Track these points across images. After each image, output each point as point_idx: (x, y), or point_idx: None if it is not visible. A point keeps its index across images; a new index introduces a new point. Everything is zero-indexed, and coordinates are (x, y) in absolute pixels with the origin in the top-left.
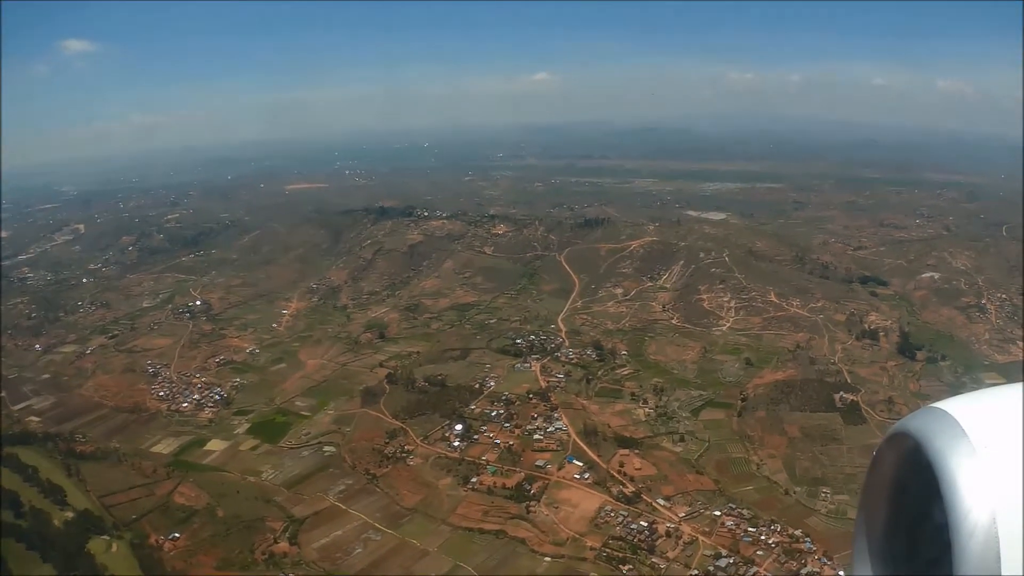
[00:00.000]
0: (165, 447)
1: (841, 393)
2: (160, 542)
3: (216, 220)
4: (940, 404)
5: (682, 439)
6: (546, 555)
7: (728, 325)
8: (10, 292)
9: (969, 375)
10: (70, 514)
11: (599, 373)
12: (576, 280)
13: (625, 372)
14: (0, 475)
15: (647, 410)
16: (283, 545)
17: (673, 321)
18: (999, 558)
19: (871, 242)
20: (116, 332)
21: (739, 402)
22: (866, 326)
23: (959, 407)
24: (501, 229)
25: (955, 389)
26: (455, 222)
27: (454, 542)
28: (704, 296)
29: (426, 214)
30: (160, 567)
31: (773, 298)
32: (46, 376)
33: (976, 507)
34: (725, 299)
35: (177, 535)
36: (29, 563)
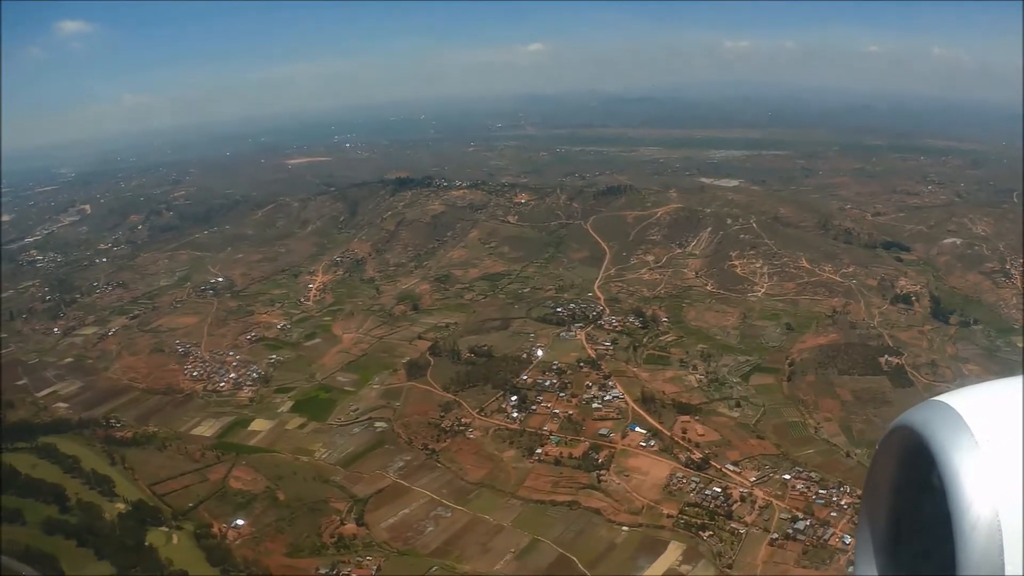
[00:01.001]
0: (206, 429)
1: (886, 356)
2: (223, 530)
3: (224, 196)
4: (942, 397)
5: (738, 404)
6: (623, 525)
7: (763, 291)
8: (20, 275)
9: (1003, 338)
10: (121, 506)
11: (644, 340)
12: (606, 248)
13: (669, 339)
14: None
15: (698, 376)
16: (350, 527)
17: (708, 287)
18: (1002, 552)
19: (887, 208)
20: (137, 312)
21: (787, 367)
22: (898, 291)
23: (961, 400)
24: (523, 198)
25: (990, 352)
26: (476, 191)
27: (527, 515)
28: (736, 262)
29: (445, 184)
30: (228, 557)
31: (804, 263)
32: (69, 360)
33: (979, 501)
34: (757, 265)
35: (240, 522)
36: (83, 561)
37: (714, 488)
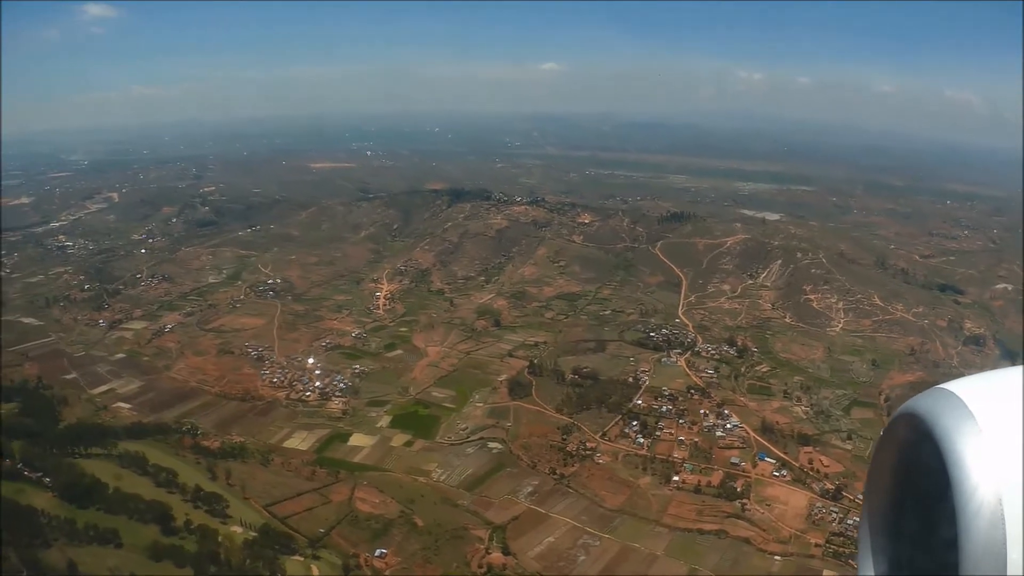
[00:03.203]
0: (300, 442)
1: None
2: (367, 560)
3: (260, 195)
4: (947, 385)
5: (849, 437)
6: (775, 554)
7: (840, 326)
8: (49, 260)
9: None
10: (238, 529)
11: (742, 369)
12: (680, 274)
13: (764, 369)
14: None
15: (803, 408)
16: (497, 555)
17: (787, 320)
18: (1005, 537)
19: (930, 250)
20: (190, 309)
21: (883, 402)
22: (967, 332)
23: (966, 388)
24: (586, 218)
25: None
26: (537, 208)
27: (678, 544)
28: (811, 296)
29: (504, 199)
30: None
31: (877, 301)
32: (120, 356)
33: (982, 487)
34: (832, 300)
35: (383, 551)
36: None
37: (854, 518)
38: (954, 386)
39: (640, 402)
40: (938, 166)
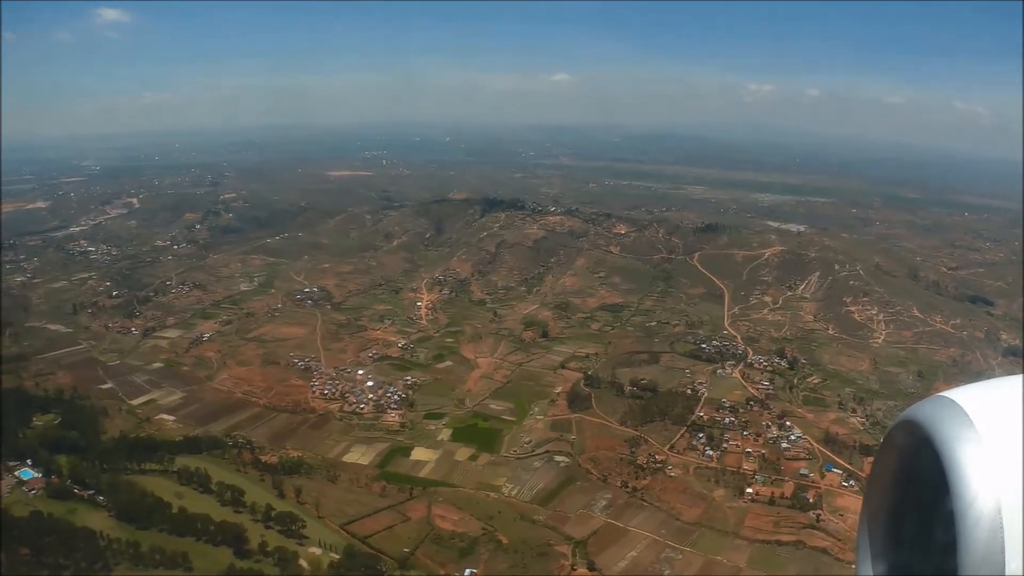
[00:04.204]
0: (360, 456)
1: None
2: None
3: (286, 202)
4: (947, 393)
5: None
6: (854, 564)
7: (882, 338)
8: (72, 265)
9: None
10: (316, 550)
11: (795, 380)
12: (722, 286)
13: (815, 380)
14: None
15: (859, 419)
16: (582, 571)
17: (830, 331)
18: (1003, 547)
19: (955, 262)
20: (226, 317)
21: None
22: (1004, 343)
23: (966, 396)
24: (622, 229)
25: None
26: (572, 219)
27: (759, 556)
28: (852, 308)
29: (539, 209)
30: None
31: (916, 313)
32: (158, 365)
33: (981, 495)
34: (873, 312)
35: (474, 570)
36: None
37: None
38: (954, 394)
39: (702, 414)
40: (948, 178)
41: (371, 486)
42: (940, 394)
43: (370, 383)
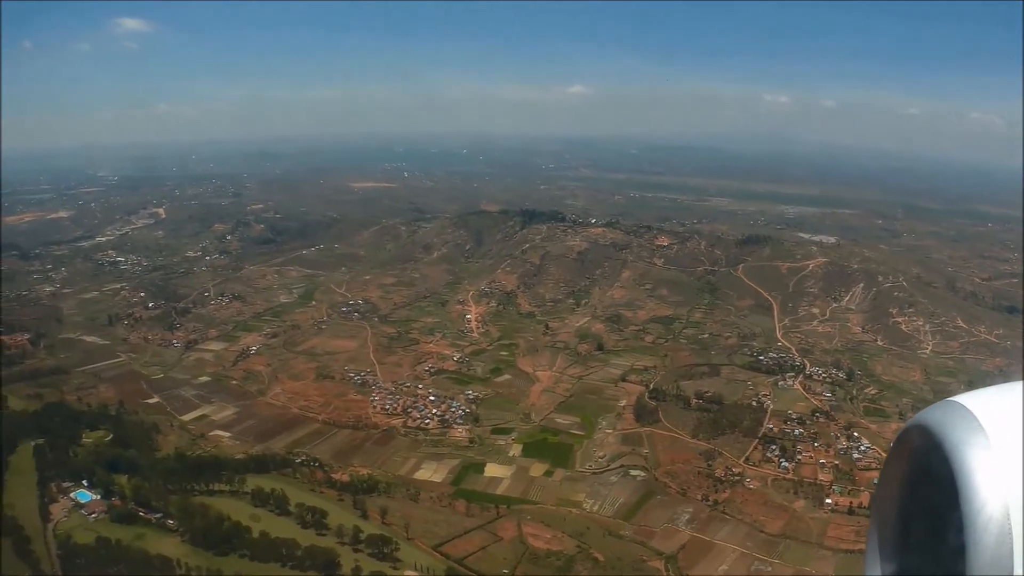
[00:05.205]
0: (432, 473)
1: None
2: None
3: (314, 213)
4: (957, 398)
5: None
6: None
7: (930, 348)
8: (101, 276)
9: None
10: (411, 573)
11: (854, 391)
12: (769, 298)
13: (872, 391)
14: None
15: None
16: None
17: (879, 342)
18: (1012, 553)
19: (988, 273)
20: (270, 330)
21: None
22: None
23: (976, 401)
24: (664, 241)
25: None
26: (613, 231)
27: (846, 566)
28: (899, 319)
29: (580, 221)
30: None
31: (961, 323)
32: (205, 379)
33: (991, 501)
34: (919, 323)
35: None
36: None
37: None
38: (965, 399)
39: (771, 426)
40: (966, 188)
41: (454, 504)
42: (950, 399)
43: (432, 398)
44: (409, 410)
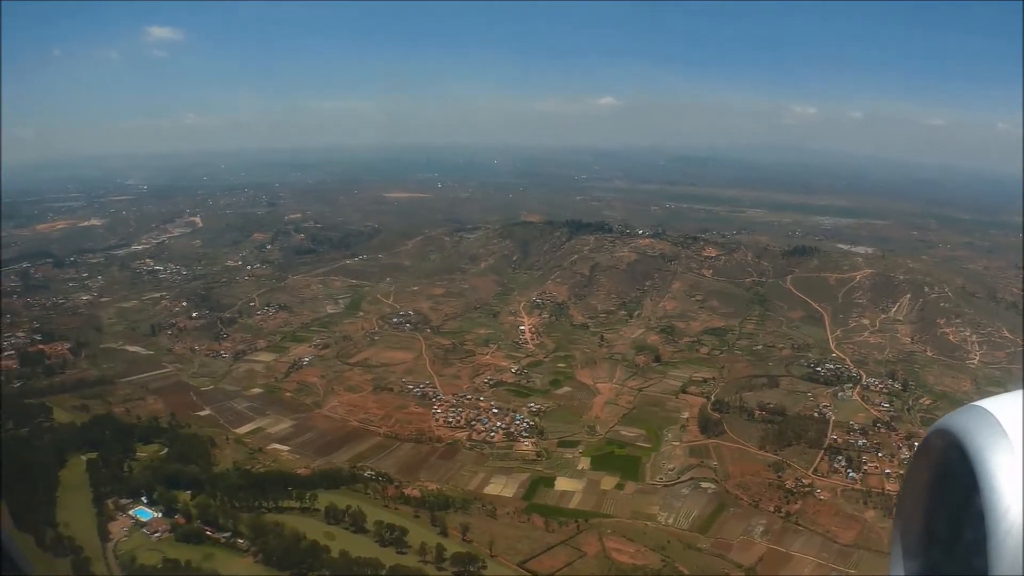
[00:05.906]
0: (502, 488)
1: None
2: None
3: (354, 223)
4: (982, 403)
5: None
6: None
7: (977, 359)
8: (140, 284)
9: None
10: None
11: (910, 402)
12: (820, 308)
13: (927, 402)
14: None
15: None
16: None
17: (928, 353)
18: None
19: None
20: (319, 341)
21: None
22: None
23: (1000, 406)
24: (711, 252)
25: None
26: (661, 242)
27: None
28: (947, 330)
29: (627, 231)
30: None
31: (1006, 333)
32: (257, 390)
33: (1014, 506)
34: (966, 333)
35: None
36: None
37: None
38: (989, 404)
39: (835, 437)
40: (996, 198)
41: (532, 520)
42: (974, 403)
43: (495, 410)
44: (473, 423)
